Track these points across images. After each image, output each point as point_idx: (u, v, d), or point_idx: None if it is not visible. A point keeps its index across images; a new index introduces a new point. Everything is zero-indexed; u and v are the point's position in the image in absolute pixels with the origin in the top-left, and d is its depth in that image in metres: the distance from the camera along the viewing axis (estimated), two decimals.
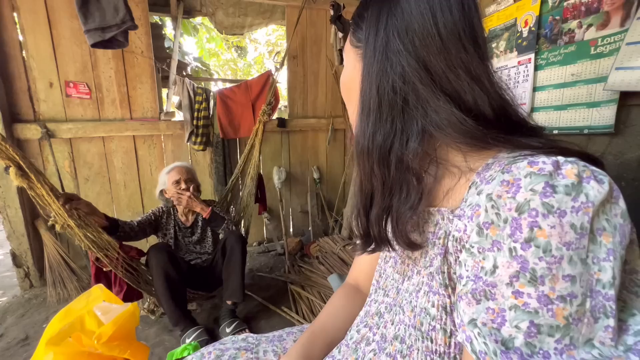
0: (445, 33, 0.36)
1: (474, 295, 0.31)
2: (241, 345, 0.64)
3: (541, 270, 0.27)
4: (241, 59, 6.93)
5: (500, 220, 0.29)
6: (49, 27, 2.07)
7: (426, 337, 0.40)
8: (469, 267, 0.32)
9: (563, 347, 0.27)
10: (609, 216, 0.28)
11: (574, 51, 1.35)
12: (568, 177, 0.28)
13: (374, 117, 0.40)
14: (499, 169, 0.32)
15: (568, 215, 0.27)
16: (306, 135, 2.92)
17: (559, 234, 0.27)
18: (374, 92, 0.40)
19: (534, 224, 0.27)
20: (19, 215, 2.08)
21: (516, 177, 0.29)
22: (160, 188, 1.83)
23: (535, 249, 0.27)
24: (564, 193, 0.27)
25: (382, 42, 0.39)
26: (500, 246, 0.29)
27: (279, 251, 2.70)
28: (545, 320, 0.27)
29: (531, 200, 0.28)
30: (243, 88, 2.57)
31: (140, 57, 2.31)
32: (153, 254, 1.56)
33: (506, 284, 0.29)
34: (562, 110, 1.43)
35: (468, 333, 0.31)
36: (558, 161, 0.29)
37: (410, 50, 0.37)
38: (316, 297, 1.89)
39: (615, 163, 1.33)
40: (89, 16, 1.51)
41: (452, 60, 0.36)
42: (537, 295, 0.27)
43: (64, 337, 0.77)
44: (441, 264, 0.38)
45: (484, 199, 0.31)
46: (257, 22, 2.84)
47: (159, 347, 1.58)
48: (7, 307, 1.98)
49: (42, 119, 2.13)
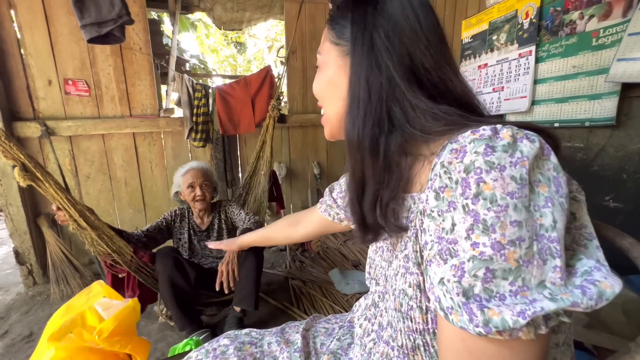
0: (429, 34, 0.42)
1: (441, 255, 0.33)
2: (245, 339, 0.65)
3: (491, 219, 0.30)
4: (240, 55, 6.90)
5: (452, 183, 0.33)
6: (46, 24, 2.06)
7: (406, 318, 0.42)
8: (432, 231, 0.35)
9: (517, 289, 0.30)
10: (542, 170, 0.32)
11: (576, 43, 1.34)
12: (504, 139, 0.31)
13: (363, 110, 0.43)
14: (448, 143, 0.36)
15: (508, 169, 0.30)
16: (306, 130, 2.91)
17: (502, 185, 0.30)
18: (364, 85, 0.43)
19: (479, 180, 0.31)
20: (21, 213, 2.09)
21: (462, 145, 0.33)
22: (175, 190, 1.75)
23: (483, 202, 0.30)
24: (502, 151, 0.31)
25: (369, 40, 0.43)
26: (455, 205, 0.32)
27: (281, 247, 2.71)
28: (499, 264, 0.30)
29: (475, 160, 0.31)
30: (242, 84, 2.56)
31: (139, 54, 2.30)
32: (159, 260, 1.48)
33: (464, 238, 0.31)
34: (563, 102, 1.42)
35: (437, 293, 0.34)
36: (496, 127, 0.33)
37: (397, 47, 0.41)
38: (318, 292, 1.90)
39: (616, 155, 1.32)
40: (84, 11, 1.50)
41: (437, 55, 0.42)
42: (490, 243, 0.30)
43: (65, 333, 0.77)
44: (414, 243, 0.41)
45: (438, 167, 0.35)
46: (255, 17, 2.82)
47: (162, 342, 1.59)
48: (11, 304, 2.00)
49: (41, 117, 2.13)
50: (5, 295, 2.14)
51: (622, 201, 1.33)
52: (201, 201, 1.68)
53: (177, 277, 1.46)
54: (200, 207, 1.70)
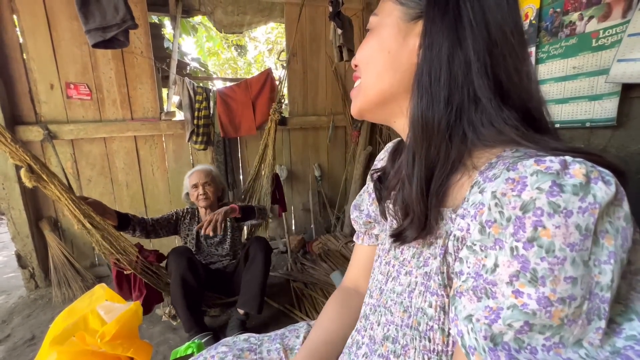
0: (516, 16, 0.37)
1: (475, 292, 0.30)
2: (244, 346, 0.63)
3: (542, 270, 0.26)
4: (241, 58, 6.92)
5: (503, 219, 0.29)
6: (48, 29, 2.07)
7: (424, 337, 0.40)
8: (470, 264, 0.32)
9: (551, 345, 0.27)
10: (612, 219, 0.27)
11: (575, 44, 1.34)
12: (576, 177, 0.27)
13: (446, 92, 0.38)
14: (503, 167, 0.32)
15: (574, 216, 0.26)
16: (307, 133, 2.92)
17: (564, 234, 0.26)
18: (445, 63, 0.37)
19: (538, 223, 0.27)
20: (23, 216, 2.10)
21: (522, 175, 0.28)
22: (185, 191, 1.86)
23: (538, 249, 0.27)
24: (572, 193, 0.26)
25: (455, 8, 0.37)
26: (502, 245, 0.29)
27: (282, 249, 2.71)
28: (541, 321, 0.27)
29: (537, 199, 0.27)
30: (243, 87, 2.57)
31: (140, 58, 2.31)
32: (172, 259, 1.53)
33: (506, 282, 0.28)
34: (563, 103, 1.42)
35: (460, 327, 0.31)
36: (566, 160, 0.28)
37: (482, 26, 0.36)
38: (319, 294, 1.90)
39: (618, 156, 1.32)
40: (89, 16, 1.51)
41: (519, 47, 0.37)
42: (537, 297, 0.27)
43: (67, 337, 0.78)
44: (440, 264, 0.38)
45: (488, 197, 0.30)
46: (256, 20, 2.83)
47: (164, 345, 1.59)
48: (13, 307, 2.01)
49: (43, 121, 2.14)
50: (7, 298, 2.15)
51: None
52: (203, 199, 1.78)
53: (189, 277, 1.50)
54: (203, 205, 1.79)
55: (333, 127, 2.93)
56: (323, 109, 2.95)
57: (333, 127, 2.93)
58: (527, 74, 0.38)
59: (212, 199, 1.80)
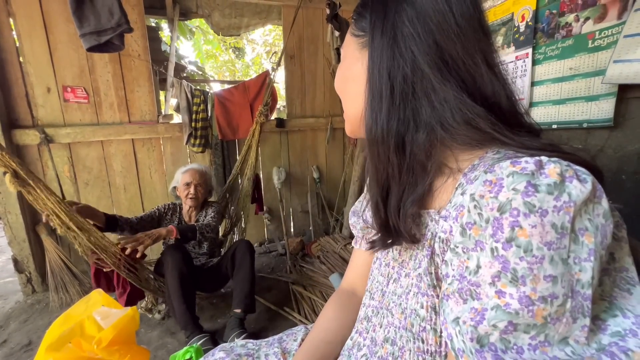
0: (461, 21, 0.36)
1: (461, 294, 0.31)
2: (242, 351, 0.63)
3: (522, 270, 0.27)
4: (239, 60, 6.93)
5: (482, 221, 0.29)
6: (45, 32, 2.07)
7: (417, 338, 0.41)
8: (454, 266, 0.32)
9: (537, 344, 0.27)
10: (591, 216, 0.27)
11: (572, 45, 1.35)
12: (550, 176, 0.27)
13: (387, 104, 0.39)
14: (483, 169, 0.32)
15: (550, 215, 0.26)
16: (305, 135, 2.92)
17: (540, 233, 0.26)
18: (385, 77, 0.39)
19: (515, 223, 0.27)
20: (20, 221, 2.08)
21: (499, 177, 0.29)
22: (174, 185, 1.89)
23: (516, 249, 0.27)
24: (546, 192, 0.27)
25: (391, 28, 0.38)
26: (483, 246, 0.29)
27: (280, 251, 2.70)
28: (525, 320, 0.27)
29: (513, 199, 0.27)
30: (241, 89, 2.57)
31: (137, 61, 2.30)
32: (170, 253, 1.57)
33: (489, 283, 0.29)
34: (560, 104, 1.42)
35: (449, 331, 0.31)
36: (541, 160, 0.28)
37: (422, 34, 0.37)
38: (318, 296, 1.89)
39: (615, 157, 1.32)
40: (84, 20, 1.50)
41: (469, 45, 0.37)
42: (518, 296, 0.27)
43: (63, 343, 0.77)
44: (428, 265, 0.39)
45: (467, 199, 0.31)
46: (253, 22, 2.84)
47: (162, 349, 1.58)
48: (10, 312, 1.99)
49: (40, 124, 2.13)
50: (4, 303, 2.13)
51: (621, 202, 1.32)
52: (192, 199, 1.83)
53: (185, 270, 1.55)
54: (191, 204, 1.85)
55: (331, 128, 2.93)
56: (321, 111, 2.95)
57: (331, 129, 2.93)
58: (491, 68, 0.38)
59: (199, 200, 1.86)
